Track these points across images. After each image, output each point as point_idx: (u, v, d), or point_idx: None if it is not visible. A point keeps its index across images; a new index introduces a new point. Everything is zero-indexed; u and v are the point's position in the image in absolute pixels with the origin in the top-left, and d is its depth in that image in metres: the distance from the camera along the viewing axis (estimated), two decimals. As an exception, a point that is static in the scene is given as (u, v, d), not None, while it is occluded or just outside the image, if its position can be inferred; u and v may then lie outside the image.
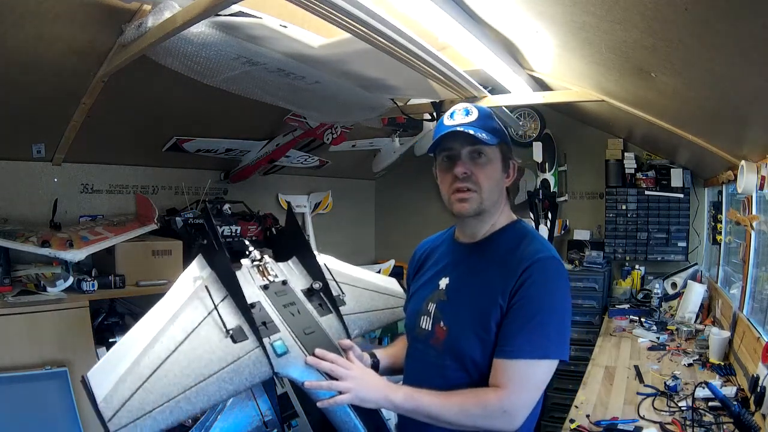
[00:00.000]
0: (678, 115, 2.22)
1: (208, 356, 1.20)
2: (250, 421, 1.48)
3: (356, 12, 1.34)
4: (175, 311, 1.27)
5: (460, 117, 1.19)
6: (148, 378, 1.11)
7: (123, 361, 1.13)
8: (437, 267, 1.30)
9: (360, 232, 4.69)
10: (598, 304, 3.52)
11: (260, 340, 1.28)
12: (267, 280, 1.50)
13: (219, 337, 1.25)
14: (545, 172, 3.83)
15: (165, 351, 1.17)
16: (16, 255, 2.18)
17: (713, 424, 1.73)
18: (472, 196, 1.18)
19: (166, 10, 1.56)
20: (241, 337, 1.28)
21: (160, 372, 1.13)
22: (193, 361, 1.18)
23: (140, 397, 1.07)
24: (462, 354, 1.15)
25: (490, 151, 1.18)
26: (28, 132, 2.30)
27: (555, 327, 1.11)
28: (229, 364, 1.21)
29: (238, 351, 1.24)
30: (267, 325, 1.34)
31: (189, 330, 1.23)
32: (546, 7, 1.50)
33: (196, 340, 1.22)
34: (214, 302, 1.31)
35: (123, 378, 1.09)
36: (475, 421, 1.09)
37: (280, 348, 1.28)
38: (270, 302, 1.42)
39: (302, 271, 1.62)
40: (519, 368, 1.09)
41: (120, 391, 1.07)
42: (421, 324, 1.25)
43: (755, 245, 2.37)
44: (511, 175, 1.25)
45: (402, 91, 2.51)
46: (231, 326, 1.28)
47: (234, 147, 3.03)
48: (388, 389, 1.16)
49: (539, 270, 1.11)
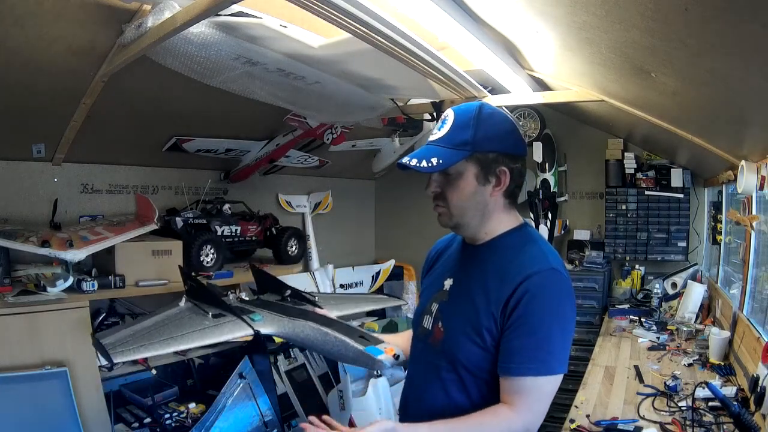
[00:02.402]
0: (678, 115, 2.22)
1: (190, 324, 1.70)
2: (250, 421, 1.49)
3: (356, 12, 1.34)
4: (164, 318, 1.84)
5: (437, 130, 1.18)
6: (143, 335, 1.63)
7: (125, 330, 1.69)
8: (444, 267, 1.31)
9: (360, 232, 4.69)
10: (598, 304, 3.52)
11: (238, 315, 1.74)
12: (241, 301, 2.01)
13: (202, 316, 1.77)
14: (545, 172, 3.83)
15: (156, 326, 1.72)
16: (16, 255, 2.18)
17: (713, 424, 1.73)
18: (443, 211, 1.20)
19: (166, 10, 1.55)
20: (221, 315, 1.76)
21: (153, 331, 1.66)
22: (179, 327, 1.69)
23: (135, 341, 1.59)
24: (455, 356, 1.15)
25: (459, 165, 1.14)
26: (28, 132, 2.30)
27: (555, 343, 1.10)
28: (210, 326, 1.68)
29: (218, 321, 1.73)
30: (243, 310, 1.80)
31: (178, 318, 1.80)
32: (546, 7, 1.49)
33: (185, 320, 1.76)
34: (200, 307, 1.87)
35: (124, 334, 1.65)
36: None
37: (256, 317, 1.72)
38: (245, 306, 1.88)
39: (275, 296, 2.02)
40: (529, 384, 1.08)
41: (120, 338, 1.61)
42: (423, 323, 1.26)
43: (755, 245, 2.37)
44: (503, 183, 1.17)
45: (402, 91, 2.51)
46: (213, 313, 1.79)
47: (234, 147, 3.03)
48: None
49: (538, 285, 1.09)
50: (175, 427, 2.22)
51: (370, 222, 4.85)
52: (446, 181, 1.17)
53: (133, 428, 2.28)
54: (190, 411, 2.26)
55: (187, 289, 2.08)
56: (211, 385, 2.58)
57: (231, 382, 2.27)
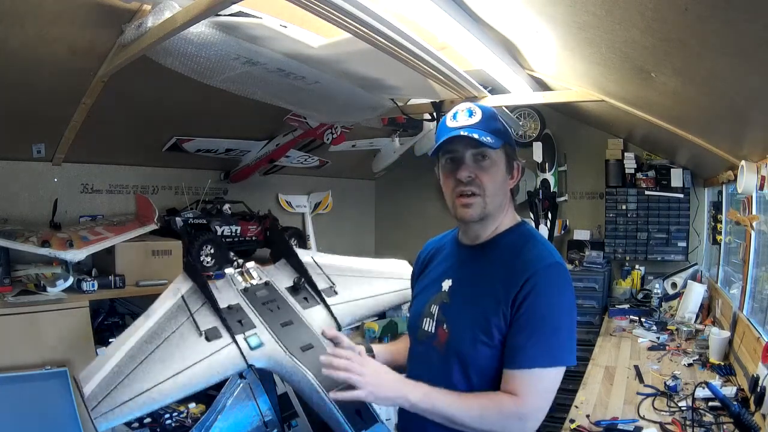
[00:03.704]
0: (678, 115, 2.22)
1: (181, 353, 1.39)
2: (250, 421, 1.49)
3: (356, 12, 1.34)
4: (156, 320, 1.48)
5: (464, 118, 1.17)
6: (127, 376, 1.31)
7: (109, 362, 1.34)
8: (440, 269, 1.30)
9: (360, 232, 4.69)
10: (598, 304, 3.52)
11: (233, 337, 1.45)
12: (249, 284, 1.70)
13: (194, 337, 1.45)
14: (545, 172, 3.84)
15: (143, 354, 1.37)
16: (16, 255, 2.17)
17: (713, 424, 1.73)
18: (476, 201, 1.16)
19: (166, 10, 1.56)
20: (214, 335, 1.46)
21: (138, 370, 1.33)
22: (167, 359, 1.37)
23: (119, 391, 1.27)
24: (464, 357, 1.15)
25: (494, 153, 1.16)
26: (28, 132, 2.30)
27: (564, 334, 1.10)
28: (203, 359, 1.39)
29: (211, 348, 1.43)
30: (243, 322, 1.52)
31: (166, 335, 1.43)
32: (546, 7, 1.49)
33: (173, 341, 1.42)
34: (191, 311, 1.52)
35: (106, 378, 1.30)
36: (492, 426, 1.09)
37: (254, 341, 1.46)
38: (248, 302, 1.59)
39: (289, 271, 1.79)
40: (531, 377, 1.08)
41: (103, 387, 1.27)
42: (423, 326, 1.25)
43: (755, 245, 2.37)
44: (516, 177, 1.23)
45: (402, 91, 2.51)
46: (206, 327, 1.47)
47: (234, 147, 3.03)
48: (405, 388, 1.14)
49: (544, 279, 1.10)
50: (175, 427, 2.22)
51: (370, 222, 4.85)
52: (480, 168, 1.16)
53: (133, 428, 2.27)
54: (190, 411, 2.25)
55: (185, 263, 1.92)
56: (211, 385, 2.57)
57: (231, 382, 2.26)
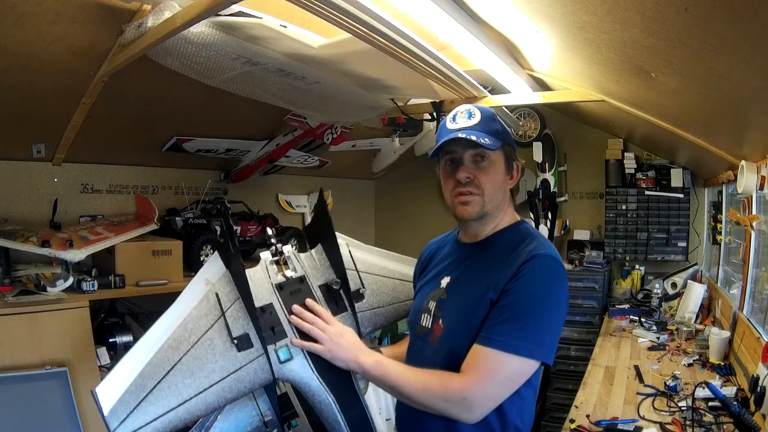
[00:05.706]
0: (678, 115, 2.22)
1: (210, 366, 1.22)
2: (250, 421, 1.48)
3: (356, 12, 1.34)
4: (184, 317, 1.27)
5: (463, 120, 1.18)
6: (151, 390, 1.15)
7: (130, 374, 1.16)
8: (440, 266, 1.32)
9: (360, 232, 4.66)
10: (598, 304, 3.52)
11: (265, 348, 1.28)
12: (284, 277, 1.46)
13: (225, 345, 1.26)
14: (545, 172, 3.84)
15: (169, 363, 1.19)
16: (16, 255, 2.17)
17: (713, 424, 1.73)
18: (475, 199, 1.18)
19: (166, 10, 1.55)
20: (246, 345, 1.28)
21: (163, 383, 1.16)
22: (196, 371, 1.20)
23: (143, 408, 1.12)
24: (455, 351, 1.15)
25: (493, 154, 1.18)
26: (28, 132, 2.30)
27: (542, 327, 1.09)
28: (231, 374, 1.23)
29: (241, 360, 1.26)
30: (275, 330, 1.33)
31: (195, 340, 1.24)
32: (546, 7, 1.49)
33: (202, 349, 1.23)
34: (223, 309, 1.31)
35: (129, 390, 1.13)
36: (435, 403, 1.09)
37: (284, 355, 1.30)
38: (282, 304, 1.39)
39: (325, 263, 1.58)
40: (489, 357, 1.07)
41: (125, 403, 1.11)
42: (421, 322, 1.27)
43: (755, 245, 2.37)
44: (515, 177, 1.25)
45: (402, 91, 2.51)
46: (238, 333, 1.28)
47: (234, 147, 3.03)
48: (360, 353, 1.18)
49: (533, 266, 1.11)
50: (174, 427, 2.22)
51: (370, 222, 4.85)
52: (479, 169, 1.18)
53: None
54: (190, 411, 2.26)
55: (220, 245, 1.49)
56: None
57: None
